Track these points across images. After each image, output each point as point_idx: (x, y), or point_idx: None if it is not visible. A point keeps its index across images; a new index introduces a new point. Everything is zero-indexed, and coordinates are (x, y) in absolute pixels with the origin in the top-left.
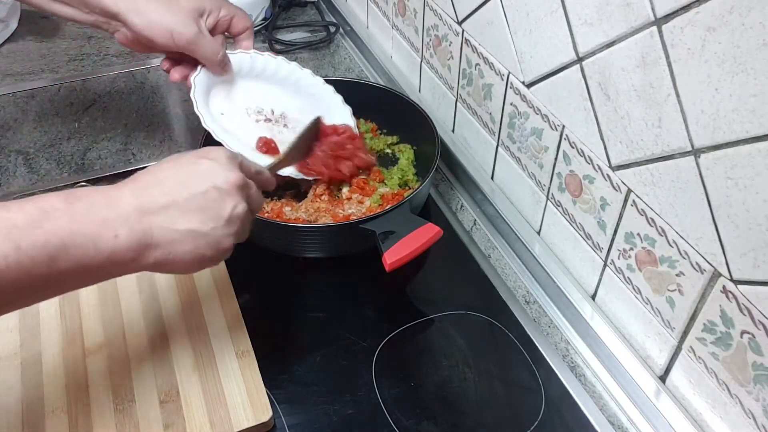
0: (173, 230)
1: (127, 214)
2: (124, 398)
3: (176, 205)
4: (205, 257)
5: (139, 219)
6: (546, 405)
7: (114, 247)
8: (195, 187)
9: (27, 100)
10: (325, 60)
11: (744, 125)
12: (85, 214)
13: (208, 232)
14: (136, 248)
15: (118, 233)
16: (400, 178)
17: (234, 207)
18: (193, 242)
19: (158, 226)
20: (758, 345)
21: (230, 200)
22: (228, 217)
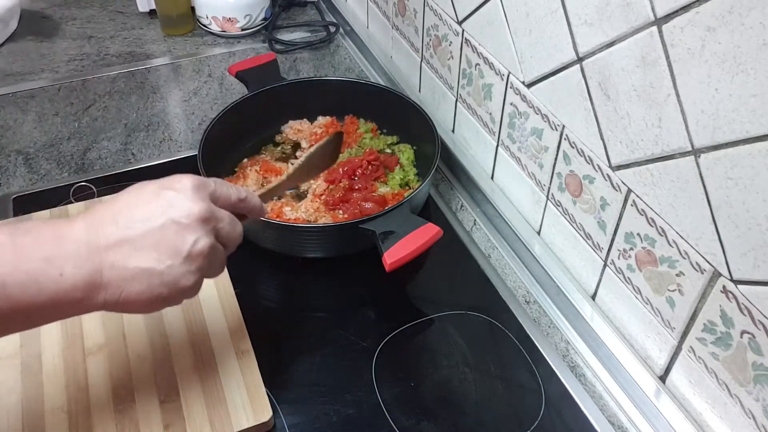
0: (124, 268)
1: (76, 250)
2: (124, 398)
3: (129, 241)
4: (162, 297)
5: (88, 256)
6: (546, 405)
7: (58, 286)
8: (152, 221)
9: (27, 100)
10: (325, 60)
11: (744, 125)
12: (30, 249)
13: (163, 270)
14: (83, 288)
15: (63, 271)
16: (401, 178)
17: (194, 242)
18: (147, 281)
19: (109, 265)
20: (758, 345)
21: (191, 235)
22: (187, 254)
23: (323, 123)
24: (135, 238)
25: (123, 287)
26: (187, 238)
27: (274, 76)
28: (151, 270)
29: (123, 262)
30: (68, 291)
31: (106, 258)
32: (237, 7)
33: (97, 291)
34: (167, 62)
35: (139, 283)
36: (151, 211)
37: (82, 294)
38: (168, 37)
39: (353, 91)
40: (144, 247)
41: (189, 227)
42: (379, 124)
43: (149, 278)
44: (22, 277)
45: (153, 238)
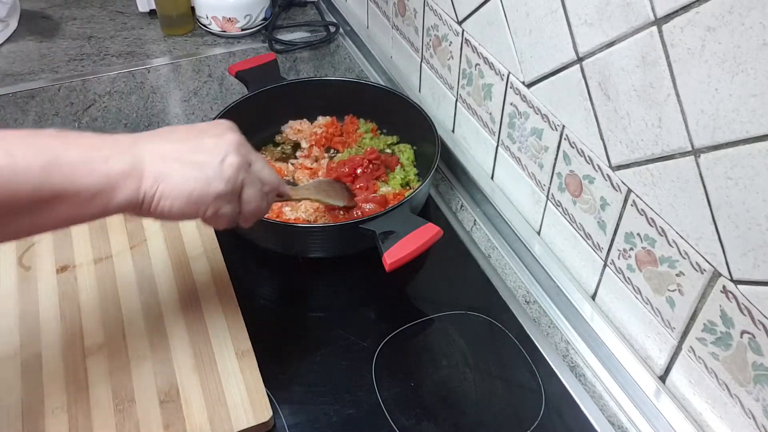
0: (163, 163)
1: (118, 144)
2: (124, 398)
3: (169, 144)
4: (195, 195)
5: (130, 150)
6: (546, 405)
7: (106, 171)
8: (191, 135)
9: (27, 100)
10: (325, 60)
11: (744, 125)
12: (76, 139)
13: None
14: (127, 175)
15: (109, 159)
16: (402, 178)
17: (227, 153)
18: (181, 176)
19: (149, 160)
20: (758, 345)
21: (224, 147)
22: (221, 160)
23: (323, 123)
24: (174, 141)
25: (159, 180)
26: (220, 145)
27: (274, 76)
28: (185, 166)
29: (162, 159)
30: (114, 176)
31: (147, 154)
32: (237, 7)
33: (139, 180)
34: (167, 62)
35: (173, 178)
36: (190, 130)
37: (126, 181)
38: (168, 37)
39: (353, 91)
40: (181, 150)
41: (223, 140)
42: (379, 124)
43: (183, 175)
44: (74, 157)
45: (190, 143)
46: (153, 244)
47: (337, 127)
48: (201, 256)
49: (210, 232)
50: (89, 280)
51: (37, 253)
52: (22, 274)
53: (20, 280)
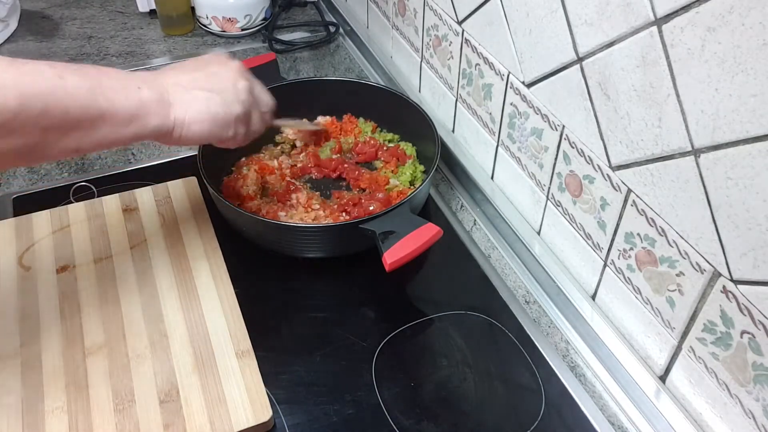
0: (187, 92)
1: (145, 78)
2: (123, 398)
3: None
4: (218, 117)
5: (154, 81)
6: (546, 405)
7: (140, 96)
8: (200, 64)
9: None
10: (325, 60)
11: (744, 125)
12: (111, 71)
13: (216, 93)
14: (158, 101)
15: (141, 88)
16: (412, 173)
17: (237, 77)
18: (206, 101)
19: (174, 91)
20: (758, 345)
21: (233, 72)
22: (233, 85)
23: (323, 123)
24: (188, 73)
25: (187, 107)
26: (230, 74)
27: (274, 76)
28: (207, 94)
29: (184, 88)
30: (147, 102)
31: (171, 85)
32: (237, 7)
33: (169, 107)
34: (167, 62)
35: (199, 103)
36: (197, 61)
37: (158, 107)
38: (168, 37)
39: (353, 91)
40: (198, 79)
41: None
42: (379, 124)
43: (207, 100)
44: (113, 83)
45: (204, 74)
46: (153, 244)
47: (337, 126)
48: (201, 256)
49: (210, 232)
50: (89, 280)
51: (37, 253)
52: (22, 274)
53: (20, 280)
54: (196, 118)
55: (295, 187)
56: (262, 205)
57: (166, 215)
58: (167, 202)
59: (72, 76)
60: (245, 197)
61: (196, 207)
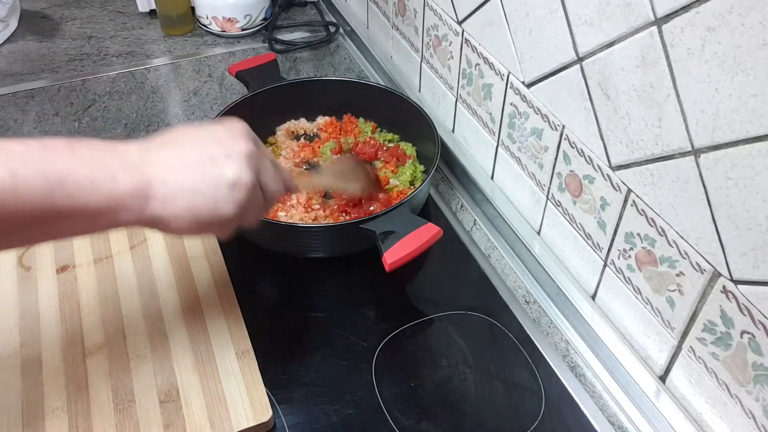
0: (172, 184)
1: (128, 161)
2: (124, 398)
3: (179, 162)
4: (202, 219)
5: (139, 167)
6: (546, 405)
7: (112, 190)
8: (202, 148)
9: (27, 100)
10: (325, 60)
11: (744, 125)
12: (87, 155)
13: (206, 191)
14: (134, 195)
15: (117, 177)
16: (412, 173)
17: (238, 172)
18: (190, 199)
19: (159, 180)
20: (758, 345)
21: (236, 165)
22: (231, 182)
23: (323, 123)
24: (184, 159)
25: (168, 202)
26: (232, 166)
27: (274, 76)
28: (195, 189)
29: (171, 179)
30: (120, 197)
31: (156, 173)
32: (237, 7)
33: (146, 201)
34: (167, 62)
35: (182, 200)
36: (201, 139)
37: (132, 201)
38: (168, 37)
39: (353, 91)
40: (191, 168)
41: (235, 158)
42: (379, 124)
43: (192, 197)
44: (80, 178)
45: (200, 162)
46: (153, 244)
47: (337, 126)
48: (201, 256)
49: None
50: (89, 280)
51: (37, 253)
52: (22, 274)
53: (20, 280)
54: (176, 215)
55: None
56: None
57: None
58: None
59: (27, 170)
60: None
61: None
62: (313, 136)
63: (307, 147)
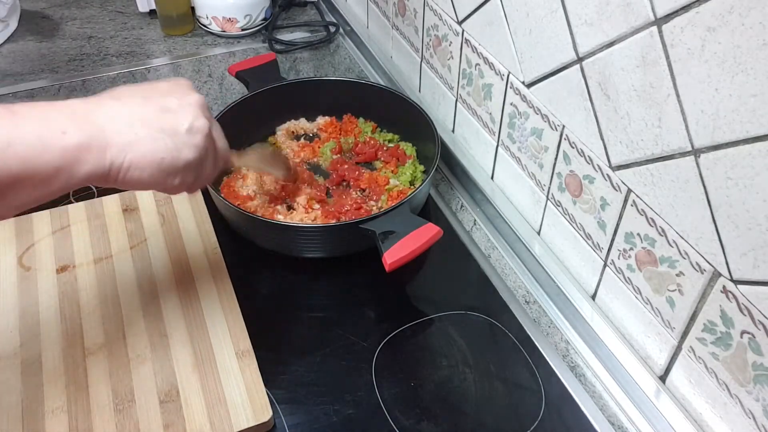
0: (128, 133)
1: (75, 113)
2: (123, 398)
3: (133, 113)
4: (165, 164)
5: (88, 120)
6: (546, 405)
7: (64, 144)
8: (154, 100)
9: (27, 100)
10: (325, 60)
11: (744, 125)
12: (30, 114)
13: (165, 137)
14: (89, 146)
15: (66, 130)
16: (412, 173)
17: (195, 118)
18: (151, 144)
19: (112, 130)
20: (758, 345)
21: (191, 112)
22: (189, 126)
23: (322, 123)
24: (137, 111)
25: (128, 149)
26: (187, 113)
27: (274, 76)
28: (153, 136)
29: (126, 129)
30: (74, 150)
31: (108, 124)
32: (237, 7)
33: (103, 151)
34: (167, 62)
35: (142, 146)
36: (152, 92)
37: (88, 153)
38: (168, 37)
39: (353, 91)
40: (146, 118)
41: (189, 107)
42: (379, 124)
43: (152, 143)
44: (27, 136)
45: (155, 112)
46: (153, 244)
47: (337, 126)
48: (201, 256)
49: (210, 232)
50: (89, 280)
51: (37, 253)
52: (22, 274)
53: (20, 280)
54: (136, 162)
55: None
56: (261, 205)
57: (166, 215)
58: (167, 202)
59: None
60: (245, 197)
61: (196, 207)
62: (313, 136)
63: (307, 147)
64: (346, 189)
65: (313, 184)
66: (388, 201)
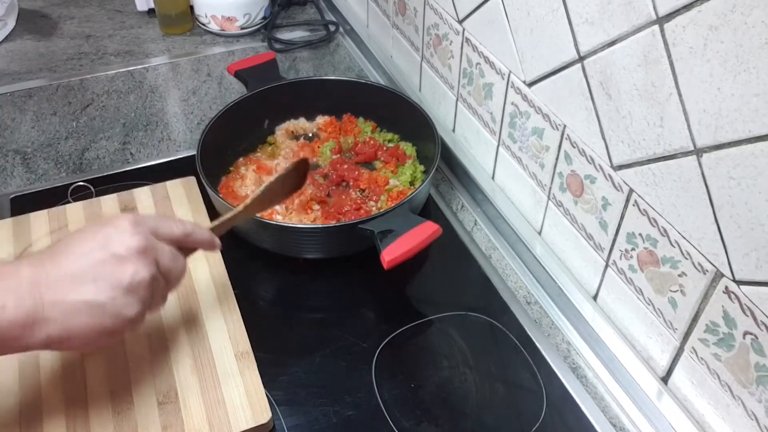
0: (66, 302)
1: (18, 286)
2: (122, 400)
3: (69, 276)
4: (107, 329)
5: (30, 291)
6: (547, 406)
7: (2, 318)
8: (91, 256)
9: (25, 99)
10: (324, 59)
11: (746, 125)
12: None
13: (105, 301)
14: (24, 322)
15: (5, 304)
16: (412, 173)
17: (134, 273)
18: (90, 313)
19: (50, 301)
20: (761, 346)
21: (130, 266)
22: (128, 285)
23: (322, 123)
24: (74, 272)
25: (66, 321)
26: (126, 268)
27: (273, 75)
28: (92, 302)
29: (64, 297)
30: (9, 325)
31: (47, 294)
32: (236, 6)
33: (39, 326)
34: (166, 61)
35: (82, 316)
36: (89, 246)
37: (22, 329)
38: (167, 36)
39: (353, 90)
40: (84, 280)
41: (128, 259)
42: (379, 124)
43: (91, 310)
44: None
45: (93, 272)
46: None
47: (337, 126)
48: (200, 257)
49: None
50: None
51: None
52: None
53: None
54: (76, 333)
55: None
56: None
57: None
58: (166, 202)
59: None
60: (244, 197)
61: (194, 207)
62: (312, 136)
63: (306, 147)
64: (345, 189)
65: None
66: (388, 201)
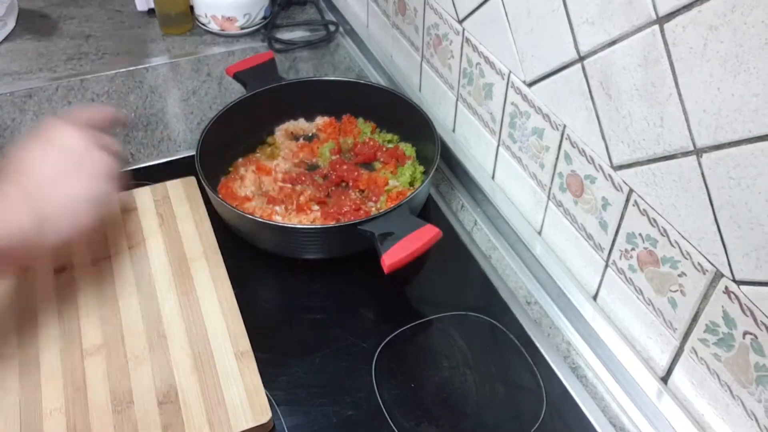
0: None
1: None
2: (122, 400)
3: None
4: (100, 196)
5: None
6: (547, 406)
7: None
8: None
9: (25, 99)
10: (324, 59)
11: (746, 125)
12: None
13: (84, 177)
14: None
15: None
16: (411, 174)
17: (87, 149)
18: (77, 196)
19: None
20: (761, 346)
21: (93, 155)
22: (90, 158)
23: (322, 123)
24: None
25: (66, 205)
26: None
27: (272, 75)
28: (73, 176)
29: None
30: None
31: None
32: (236, 6)
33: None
34: (166, 61)
35: (73, 198)
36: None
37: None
38: (166, 36)
39: (353, 90)
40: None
41: (78, 146)
42: (379, 124)
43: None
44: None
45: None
46: (152, 245)
47: (336, 127)
48: (200, 257)
49: (209, 233)
50: (87, 280)
51: None
52: (19, 275)
53: (18, 281)
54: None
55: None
56: (260, 206)
57: (164, 215)
58: (166, 202)
59: None
60: (243, 198)
61: (195, 207)
62: (312, 137)
63: (306, 147)
64: (345, 190)
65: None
66: (388, 202)
